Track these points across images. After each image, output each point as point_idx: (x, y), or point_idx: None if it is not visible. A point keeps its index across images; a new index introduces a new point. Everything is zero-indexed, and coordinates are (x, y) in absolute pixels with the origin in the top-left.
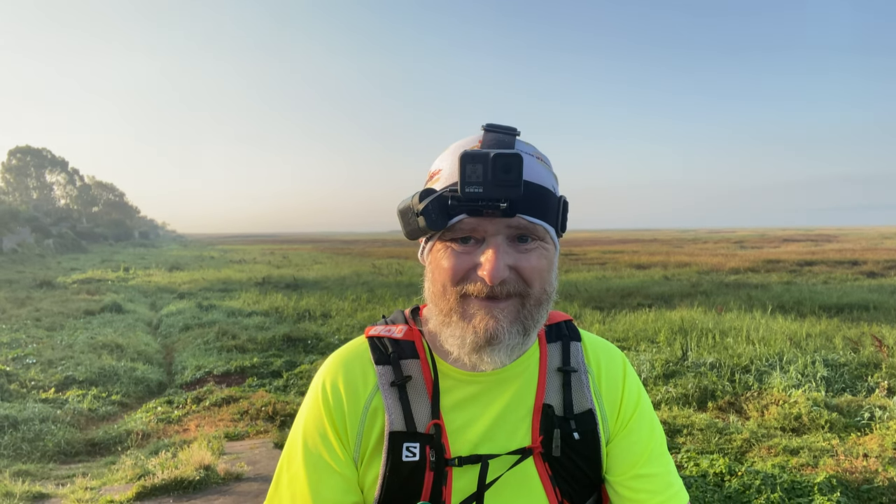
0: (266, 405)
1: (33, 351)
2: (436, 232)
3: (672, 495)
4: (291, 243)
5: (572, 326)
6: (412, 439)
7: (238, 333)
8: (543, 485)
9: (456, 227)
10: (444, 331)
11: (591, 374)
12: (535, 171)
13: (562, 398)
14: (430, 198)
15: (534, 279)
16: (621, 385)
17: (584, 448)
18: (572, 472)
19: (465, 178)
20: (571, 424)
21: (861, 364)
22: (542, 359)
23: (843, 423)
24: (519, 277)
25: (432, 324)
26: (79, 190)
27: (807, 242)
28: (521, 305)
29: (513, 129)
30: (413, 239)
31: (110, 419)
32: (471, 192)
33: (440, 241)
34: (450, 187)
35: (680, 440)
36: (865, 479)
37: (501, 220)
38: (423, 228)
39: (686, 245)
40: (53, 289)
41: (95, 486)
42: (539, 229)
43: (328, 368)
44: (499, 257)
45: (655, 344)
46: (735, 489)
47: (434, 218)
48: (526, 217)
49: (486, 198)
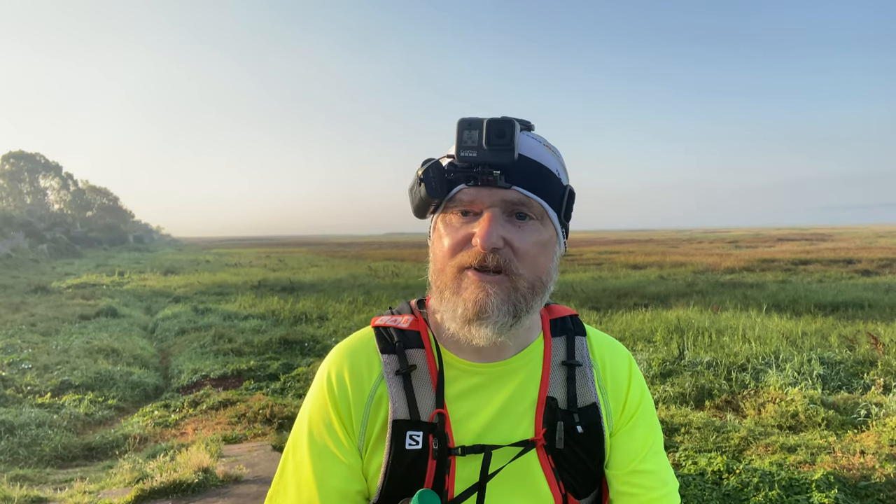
0: (263, 408)
1: (29, 356)
2: (438, 203)
3: (667, 493)
4: (287, 246)
5: (578, 321)
6: (416, 428)
7: (234, 337)
8: (546, 477)
9: (456, 199)
10: (442, 307)
11: (597, 368)
12: (537, 151)
13: (566, 391)
14: (429, 164)
15: (526, 259)
16: (627, 381)
17: (587, 441)
18: (575, 465)
19: (462, 144)
20: (575, 417)
21: (857, 362)
22: (547, 352)
23: (839, 421)
24: (512, 253)
25: (435, 306)
26: (73, 195)
27: (801, 241)
28: (513, 287)
29: (526, 121)
30: (420, 216)
31: (107, 423)
32: (466, 155)
33: (441, 214)
34: (450, 155)
35: (678, 439)
36: (863, 475)
37: (498, 192)
38: (425, 198)
39: (681, 245)
40: (48, 294)
41: (94, 490)
42: (535, 206)
43: (334, 358)
44: (492, 224)
45: (652, 343)
46: (733, 487)
47: (434, 186)
48: (522, 190)
49: (481, 162)
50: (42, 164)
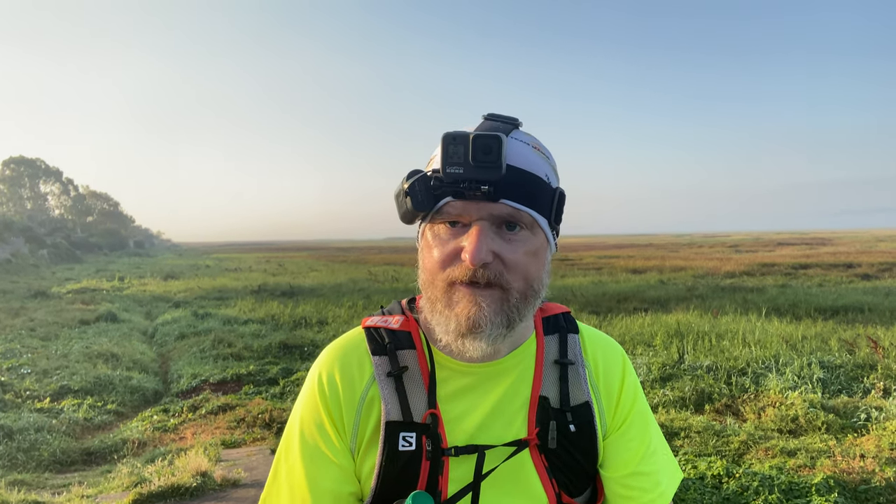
0: (263, 413)
1: (28, 361)
2: (425, 214)
3: (659, 494)
4: (287, 251)
5: (570, 318)
6: (408, 429)
7: (234, 341)
8: (540, 476)
9: (444, 211)
10: (433, 318)
11: (589, 367)
12: (526, 157)
13: (558, 390)
14: (416, 177)
15: (517, 270)
16: (620, 380)
17: (580, 440)
18: (569, 464)
19: (447, 159)
20: (568, 416)
21: (857, 365)
22: (539, 350)
23: (839, 425)
24: (502, 265)
25: (427, 315)
26: (73, 200)
27: (801, 246)
28: (504, 298)
29: (513, 118)
30: (407, 223)
31: (106, 428)
32: (452, 172)
33: (430, 224)
34: (436, 169)
35: (678, 443)
36: (863, 479)
37: (486, 205)
38: (410, 210)
39: (681, 249)
40: (48, 299)
41: (92, 495)
42: (525, 216)
43: (324, 359)
44: (480, 239)
45: (652, 347)
46: (733, 491)
47: (420, 199)
48: (510, 203)
49: (467, 178)
50: (42, 170)
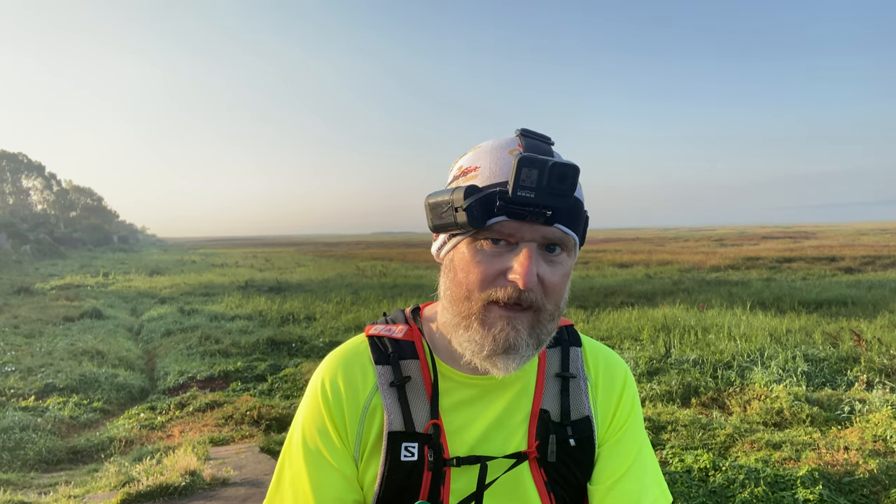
0: (251, 409)
1: (12, 358)
2: (471, 230)
3: None
4: (274, 246)
5: (573, 331)
6: (411, 439)
7: (221, 338)
8: (538, 489)
9: (493, 228)
10: (460, 333)
11: (590, 380)
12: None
13: (559, 404)
14: (477, 195)
15: (554, 293)
16: (618, 395)
17: (579, 454)
18: (567, 479)
19: (519, 182)
20: (568, 430)
21: (840, 358)
22: (541, 364)
23: (823, 417)
24: (542, 288)
25: (444, 324)
26: (56, 195)
27: (785, 239)
28: (537, 320)
29: (547, 137)
30: (440, 232)
31: (92, 426)
32: (522, 195)
33: (470, 238)
34: (494, 187)
35: (664, 436)
36: (847, 471)
37: (539, 228)
38: (460, 224)
39: (668, 243)
40: (31, 295)
41: (79, 495)
42: (570, 241)
43: (327, 367)
44: (532, 263)
45: (639, 342)
46: (719, 484)
47: (476, 215)
48: (562, 227)
49: (538, 203)
50: (25, 164)
